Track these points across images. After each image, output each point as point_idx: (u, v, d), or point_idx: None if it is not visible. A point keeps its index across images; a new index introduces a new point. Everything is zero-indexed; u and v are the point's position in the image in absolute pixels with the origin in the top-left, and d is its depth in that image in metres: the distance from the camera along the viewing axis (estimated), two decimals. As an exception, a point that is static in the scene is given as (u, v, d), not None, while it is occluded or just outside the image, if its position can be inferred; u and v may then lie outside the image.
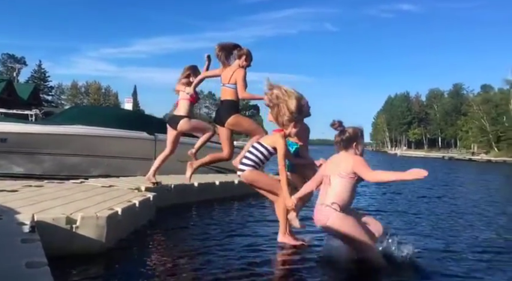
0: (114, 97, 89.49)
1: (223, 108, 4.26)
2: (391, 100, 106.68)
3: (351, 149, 3.17)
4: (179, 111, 4.86)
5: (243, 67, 4.16)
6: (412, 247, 3.23)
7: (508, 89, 62.37)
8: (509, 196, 10.90)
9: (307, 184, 3.42)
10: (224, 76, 4.23)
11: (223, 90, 4.26)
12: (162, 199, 5.14)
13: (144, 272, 2.88)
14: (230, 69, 4.18)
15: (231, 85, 4.13)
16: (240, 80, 4.05)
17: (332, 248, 3.24)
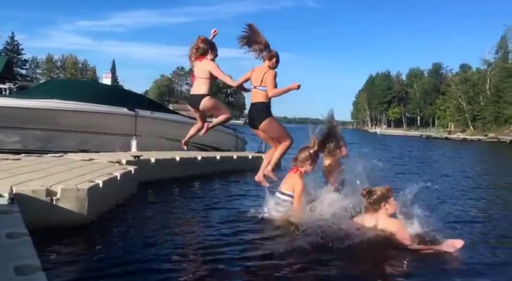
0: (92, 72, 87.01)
1: (256, 111, 4.11)
2: (372, 79, 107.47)
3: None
4: (199, 90, 4.45)
5: (273, 68, 4.12)
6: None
7: (485, 69, 63.75)
8: (480, 171, 11.34)
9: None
10: (254, 78, 4.13)
11: (254, 93, 4.13)
12: (144, 173, 5.12)
13: (125, 245, 2.91)
14: (260, 71, 4.10)
15: (262, 88, 4.05)
16: (271, 80, 4.00)
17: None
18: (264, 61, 4.11)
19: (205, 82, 4.34)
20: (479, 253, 3.11)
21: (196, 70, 4.41)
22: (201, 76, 4.36)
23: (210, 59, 4.38)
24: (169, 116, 8.86)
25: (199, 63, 4.38)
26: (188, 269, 2.54)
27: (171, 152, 7.04)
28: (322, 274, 2.58)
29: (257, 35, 4.10)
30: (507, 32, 62.78)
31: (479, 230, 3.80)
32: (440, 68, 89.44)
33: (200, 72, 4.36)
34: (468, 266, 2.85)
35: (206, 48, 4.37)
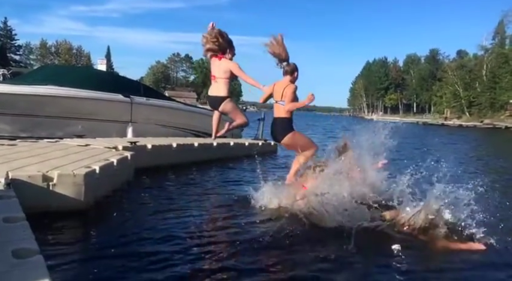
0: (87, 58, 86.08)
1: (278, 126, 4.15)
2: (369, 66, 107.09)
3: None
4: (220, 92, 4.34)
5: (293, 82, 4.15)
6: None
7: (482, 55, 63.61)
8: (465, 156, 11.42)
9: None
10: (276, 93, 4.15)
11: (276, 107, 4.16)
12: (140, 159, 5.12)
13: (122, 230, 2.93)
14: (281, 86, 4.11)
15: (283, 102, 4.07)
16: (289, 94, 4.03)
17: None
18: (285, 75, 4.14)
19: (226, 83, 4.27)
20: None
21: (216, 70, 4.30)
22: (221, 76, 4.25)
23: (229, 58, 4.28)
24: (165, 103, 8.82)
25: (219, 63, 4.26)
26: (182, 252, 2.57)
27: (168, 138, 7.03)
28: (311, 257, 2.61)
29: (280, 46, 4.11)
30: (504, 18, 62.54)
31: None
32: (437, 54, 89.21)
33: (220, 72, 4.25)
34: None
35: (225, 46, 4.24)
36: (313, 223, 3.16)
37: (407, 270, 2.49)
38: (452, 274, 2.53)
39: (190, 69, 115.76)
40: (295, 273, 2.37)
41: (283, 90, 4.05)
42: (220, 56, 4.24)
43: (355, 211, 3.25)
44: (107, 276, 2.18)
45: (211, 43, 4.15)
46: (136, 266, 2.32)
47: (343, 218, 3.12)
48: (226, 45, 4.22)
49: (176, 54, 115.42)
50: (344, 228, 2.97)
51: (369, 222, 3.14)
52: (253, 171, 5.85)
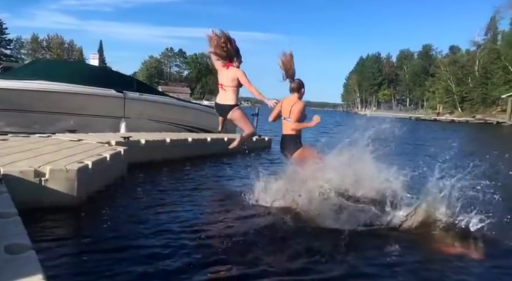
0: (79, 53, 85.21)
1: (287, 143, 4.22)
2: (362, 61, 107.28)
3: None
4: (228, 100, 4.34)
5: (300, 98, 4.26)
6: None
7: (474, 51, 63.98)
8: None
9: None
10: (284, 110, 4.24)
11: (284, 124, 4.27)
12: (134, 154, 5.10)
13: (114, 225, 2.94)
14: (289, 103, 4.19)
15: (290, 119, 4.17)
16: (296, 113, 4.13)
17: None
18: (292, 93, 4.25)
19: (234, 91, 4.30)
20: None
21: (223, 78, 4.34)
22: (229, 85, 4.29)
23: (236, 65, 4.32)
24: (158, 98, 8.78)
25: (227, 71, 4.29)
26: (174, 246, 2.59)
27: (161, 133, 7.01)
28: (301, 249, 2.64)
29: (289, 63, 4.24)
30: (496, 14, 62.93)
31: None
32: (430, 49, 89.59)
33: (228, 81, 4.29)
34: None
35: (233, 54, 4.27)
36: (304, 219, 3.17)
37: (397, 266, 2.50)
38: (439, 268, 2.55)
39: (184, 64, 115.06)
40: (283, 267, 2.38)
41: (291, 108, 4.16)
42: (228, 64, 4.28)
43: (349, 209, 3.25)
44: (99, 270, 2.19)
45: (220, 49, 4.15)
46: (128, 260, 2.33)
47: (336, 215, 3.13)
48: (234, 52, 4.26)
49: (169, 48, 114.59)
50: (337, 224, 2.99)
51: (361, 219, 3.14)
52: (247, 166, 5.85)
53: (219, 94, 4.42)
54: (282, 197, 3.61)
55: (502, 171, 3.81)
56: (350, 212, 3.17)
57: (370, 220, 3.13)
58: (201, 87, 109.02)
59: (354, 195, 3.52)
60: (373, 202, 3.37)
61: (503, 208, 3.44)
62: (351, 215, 3.10)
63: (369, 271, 2.39)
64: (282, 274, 2.26)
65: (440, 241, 2.95)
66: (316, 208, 3.24)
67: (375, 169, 4.04)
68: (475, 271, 2.51)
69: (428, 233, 3.07)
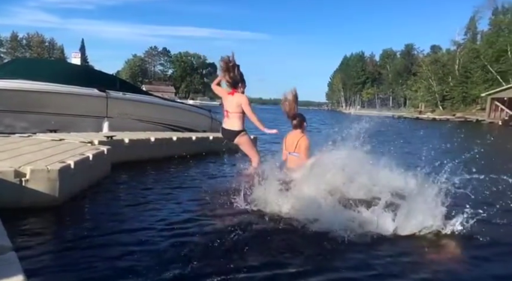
0: (60, 51, 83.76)
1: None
2: (346, 60, 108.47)
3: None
4: (234, 126, 4.40)
5: (303, 132, 4.42)
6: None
7: (454, 50, 65.37)
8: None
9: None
10: (289, 144, 4.35)
11: (290, 159, 4.39)
12: (118, 153, 5.04)
13: (97, 225, 2.90)
14: (294, 138, 4.31)
15: (296, 154, 4.23)
16: (304, 150, 4.24)
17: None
18: (295, 128, 4.46)
19: (240, 117, 4.43)
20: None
21: (228, 105, 4.47)
22: (234, 111, 4.42)
23: (241, 91, 4.47)
24: (142, 98, 8.69)
25: (232, 97, 4.43)
26: (155, 244, 2.58)
27: (146, 132, 6.95)
28: (282, 249, 2.62)
29: (290, 104, 4.44)
30: (476, 14, 64.48)
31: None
32: (412, 49, 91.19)
33: (233, 107, 4.43)
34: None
35: (238, 80, 4.43)
36: (285, 219, 3.15)
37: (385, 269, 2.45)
38: (428, 273, 2.46)
39: (168, 63, 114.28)
40: (263, 267, 2.34)
41: (297, 143, 4.29)
42: (233, 91, 4.44)
43: (334, 207, 3.23)
44: (80, 269, 2.17)
45: (228, 75, 4.38)
46: (110, 259, 2.31)
47: (322, 217, 3.08)
48: (239, 78, 4.42)
49: (153, 47, 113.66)
50: (323, 226, 2.96)
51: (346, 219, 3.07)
52: (232, 165, 5.86)
53: (224, 120, 4.58)
54: (266, 197, 3.58)
55: (486, 168, 3.85)
56: (337, 214, 3.11)
57: (358, 223, 3.06)
58: (186, 86, 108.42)
59: (342, 197, 3.50)
60: (361, 204, 3.31)
61: (493, 207, 3.43)
62: (338, 218, 3.04)
63: (354, 275, 2.35)
64: (261, 275, 2.24)
65: (431, 245, 2.88)
66: (303, 210, 3.22)
67: (365, 170, 4.08)
68: (468, 274, 2.48)
69: (417, 236, 3.00)
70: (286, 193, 3.49)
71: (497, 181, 3.60)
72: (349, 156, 3.95)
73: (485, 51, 53.49)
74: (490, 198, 3.84)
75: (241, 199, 3.51)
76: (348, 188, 3.85)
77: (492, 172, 3.56)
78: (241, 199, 3.52)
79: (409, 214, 3.07)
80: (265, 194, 3.46)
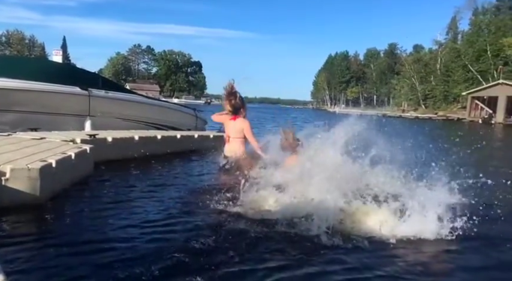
0: (40, 49, 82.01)
1: None
2: (331, 59, 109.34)
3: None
4: (237, 152, 4.49)
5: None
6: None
7: (436, 50, 66.66)
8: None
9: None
10: (288, 165, 4.37)
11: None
12: (101, 152, 5.00)
13: (78, 225, 2.88)
14: (293, 163, 4.30)
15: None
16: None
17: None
18: (292, 154, 4.50)
19: (241, 142, 4.53)
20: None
21: (231, 130, 4.59)
22: (236, 136, 4.53)
23: (242, 116, 4.60)
24: (125, 96, 8.60)
25: (234, 123, 4.58)
26: (135, 242, 2.59)
27: (129, 131, 6.88)
28: (264, 250, 2.59)
29: (290, 143, 4.51)
30: (457, 14, 65.85)
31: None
32: (396, 48, 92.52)
33: (235, 132, 4.54)
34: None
35: (240, 106, 4.59)
36: (272, 221, 3.11)
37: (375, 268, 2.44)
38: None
39: (153, 61, 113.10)
40: (243, 268, 2.31)
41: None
42: (235, 116, 4.60)
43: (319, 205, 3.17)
44: (61, 268, 2.16)
45: (229, 103, 4.56)
46: (90, 257, 2.31)
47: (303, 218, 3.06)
48: (240, 104, 4.60)
49: (137, 45, 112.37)
50: (307, 223, 2.95)
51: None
52: (215, 163, 5.86)
53: (226, 145, 4.67)
54: (251, 196, 3.53)
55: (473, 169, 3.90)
56: (322, 216, 3.02)
57: (345, 225, 3.02)
58: (170, 85, 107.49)
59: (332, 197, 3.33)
60: (350, 206, 3.27)
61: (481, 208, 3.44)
62: (325, 217, 2.98)
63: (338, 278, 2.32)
64: (240, 271, 2.25)
65: (422, 247, 2.82)
66: (288, 209, 3.21)
67: (354, 170, 4.09)
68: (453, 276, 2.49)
69: (409, 239, 2.91)
70: (271, 191, 3.51)
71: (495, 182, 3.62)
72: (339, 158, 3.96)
73: (466, 51, 54.72)
74: (484, 198, 3.77)
75: (224, 197, 3.52)
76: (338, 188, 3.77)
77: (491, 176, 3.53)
78: (223, 197, 3.53)
79: (401, 215, 3.04)
80: (248, 193, 3.46)
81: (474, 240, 2.96)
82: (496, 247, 2.90)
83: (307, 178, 3.61)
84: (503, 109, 40.24)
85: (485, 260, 2.71)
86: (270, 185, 3.59)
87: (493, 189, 3.99)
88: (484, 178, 3.38)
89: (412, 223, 3.00)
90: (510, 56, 48.06)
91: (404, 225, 3.00)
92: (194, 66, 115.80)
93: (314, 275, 2.32)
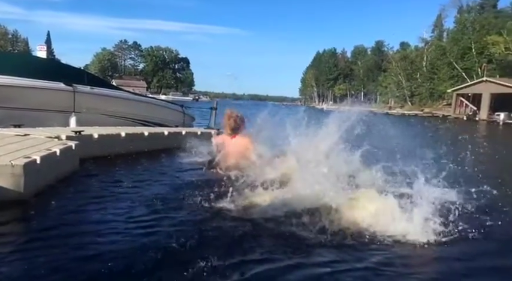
0: (24, 44, 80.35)
1: None
2: (319, 56, 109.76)
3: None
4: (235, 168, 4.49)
5: None
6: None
7: (422, 47, 67.52)
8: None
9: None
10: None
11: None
12: (86, 149, 4.94)
13: (62, 221, 2.86)
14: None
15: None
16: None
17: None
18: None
19: (242, 157, 4.71)
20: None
21: (231, 148, 4.93)
22: (236, 150, 4.84)
23: (243, 133, 5.05)
24: (111, 92, 8.51)
25: (234, 140, 5.01)
26: (119, 238, 2.59)
27: (116, 127, 6.82)
28: (242, 247, 2.58)
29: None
30: (442, 12, 66.78)
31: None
32: (383, 45, 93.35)
33: (235, 149, 4.86)
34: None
35: (239, 125, 5.07)
36: (253, 215, 3.14)
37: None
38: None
39: (139, 57, 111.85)
40: (227, 265, 2.29)
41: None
42: (234, 135, 5.07)
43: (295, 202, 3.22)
44: (44, 263, 2.15)
45: (229, 123, 5.04)
46: (74, 253, 2.31)
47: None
48: (240, 124, 5.08)
49: (123, 41, 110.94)
50: (285, 223, 2.96)
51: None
52: (203, 160, 5.84)
53: (227, 161, 4.86)
54: (238, 192, 3.54)
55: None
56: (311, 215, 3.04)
57: (333, 222, 3.00)
58: (157, 81, 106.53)
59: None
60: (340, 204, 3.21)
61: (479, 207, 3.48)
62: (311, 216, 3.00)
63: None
64: (223, 268, 2.25)
65: (410, 246, 2.79)
66: (273, 205, 3.22)
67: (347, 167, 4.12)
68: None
69: (398, 239, 2.87)
70: (258, 187, 3.52)
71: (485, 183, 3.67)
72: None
73: (451, 48, 55.55)
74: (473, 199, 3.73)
75: (209, 193, 3.53)
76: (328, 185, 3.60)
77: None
78: (208, 193, 3.53)
79: (389, 215, 3.04)
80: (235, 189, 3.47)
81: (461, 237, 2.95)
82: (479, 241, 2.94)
83: (297, 173, 3.64)
84: (487, 106, 40.98)
85: (460, 253, 2.74)
86: (258, 181, 3.61)
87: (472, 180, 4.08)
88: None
89: (402, 220, 3.02)
90: (494, 54, 48.97)
91: (394, 222, 3.00)
92: (182, 63, 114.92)
93: (296, 269, 2.33)
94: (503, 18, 51.76)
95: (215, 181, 3.85)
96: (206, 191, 3.57)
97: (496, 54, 48.67)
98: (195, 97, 79.85)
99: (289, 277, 2.22)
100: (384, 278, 2.32)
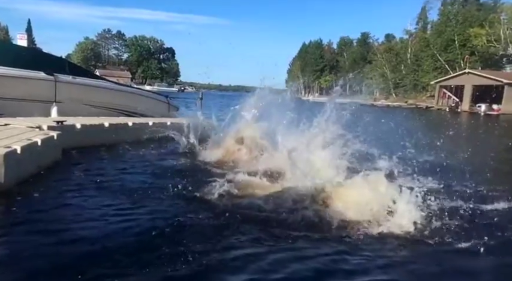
0: (4, 32, 77.88)
1: None
2: (305, 47, 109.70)
3: None
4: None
5: None
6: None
7: (407, 39, 68.13)
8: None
9: None
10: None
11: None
12: (69, 139, 4.89)
13: (42, 211, 2.87)
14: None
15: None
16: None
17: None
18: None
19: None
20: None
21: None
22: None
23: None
24: (93, 82, 8.38)
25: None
26: (100, 228, 2.61)
27: (99, 117, 6.74)
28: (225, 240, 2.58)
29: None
30: (426, 4, 67.36)
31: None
32: (368, 37, 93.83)
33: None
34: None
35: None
36: (241, 203, 3.19)
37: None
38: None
39: (123, 47, 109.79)
40: (214, 257, 2.31)
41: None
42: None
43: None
44: (23, 254, 2.16)
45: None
46: (54, 242, 2.32)
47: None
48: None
49: (107, 30, 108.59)
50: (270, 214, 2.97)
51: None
52: (186, 151, 5.86)
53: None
54: (221, 182, 3.54)
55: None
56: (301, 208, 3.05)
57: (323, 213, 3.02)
58: (142, 72, 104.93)
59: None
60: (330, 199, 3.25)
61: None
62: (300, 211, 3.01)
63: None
64: (203, 256, 2.27)
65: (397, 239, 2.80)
66: (255, 194, 3.28)
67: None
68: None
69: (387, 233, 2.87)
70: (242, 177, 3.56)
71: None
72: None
73: (435, 40, 56.20)
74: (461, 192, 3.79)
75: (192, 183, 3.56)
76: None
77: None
78: (191, 181, 3.56)
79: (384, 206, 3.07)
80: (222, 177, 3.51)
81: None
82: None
83: (290, 164, 3.66)
84: (469, 98, 41.75)
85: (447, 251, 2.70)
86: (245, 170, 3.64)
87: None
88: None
89: (386, 211, 3.08)
90: (476, 46, 49.76)
91: (379, 213, 3.04)
92: (167, 53, 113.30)
93: (283, 260, 2.34)
94: (486, 11, 52.55)
95: (198, 170, 3.87)
96: (189, 180, 3.60)
97: (478, 46, 49.47)
98: (181, 88, 78.96)
99: (268, 263, 2.27)
100: (361, 267, 2.36)
